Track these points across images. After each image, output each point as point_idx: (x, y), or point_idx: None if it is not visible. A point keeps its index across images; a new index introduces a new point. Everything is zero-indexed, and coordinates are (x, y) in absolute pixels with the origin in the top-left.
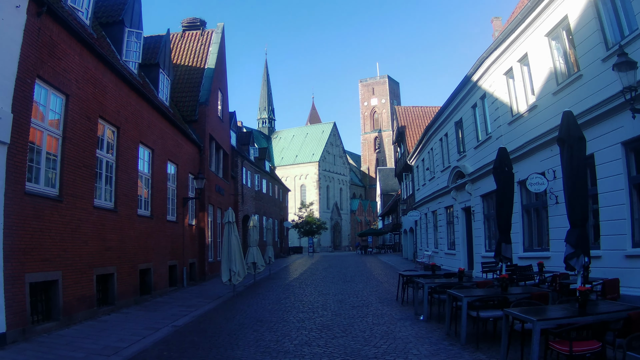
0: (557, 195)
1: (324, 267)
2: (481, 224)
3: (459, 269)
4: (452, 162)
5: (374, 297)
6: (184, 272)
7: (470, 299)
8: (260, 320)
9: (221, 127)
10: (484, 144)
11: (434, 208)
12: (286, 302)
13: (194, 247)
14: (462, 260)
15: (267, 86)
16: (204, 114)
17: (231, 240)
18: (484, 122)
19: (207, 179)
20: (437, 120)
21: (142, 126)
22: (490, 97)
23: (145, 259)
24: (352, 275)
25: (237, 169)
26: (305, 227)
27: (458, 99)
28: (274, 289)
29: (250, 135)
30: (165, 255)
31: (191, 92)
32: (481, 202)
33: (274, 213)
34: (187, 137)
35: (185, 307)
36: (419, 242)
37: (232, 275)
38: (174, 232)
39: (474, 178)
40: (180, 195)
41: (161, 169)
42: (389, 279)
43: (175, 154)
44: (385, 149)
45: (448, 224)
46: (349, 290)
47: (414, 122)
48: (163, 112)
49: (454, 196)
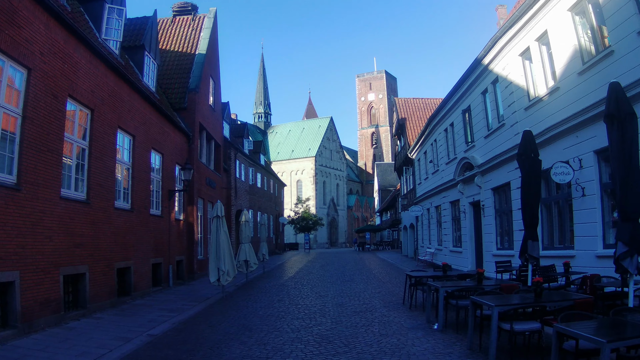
0: (583, 186)
1: (321, 265)
2: (492, 220)
3: (478, 270)
4: (458, 153)
5: (378, 300)
6: (169, 270)
7: (503, 308)
8: (250, 328)
9: (213, 116)
10: (496, 133)
11: (437, 203)
12: (280, 306)
13: (182, 244)
14: (469, 258)
15: (263, 80)
16: (194, 102)
17: (220, 236)
18: (495, 109)
19: (197, 171)
20: (441, 110)
21: (122, 110)
22: (503, 81)
23: (124, 257)
24: (352, 274)
25: (230, 161)
26: (302, 223)
27: (466, 85)
28: (267, 290)
29: (244, 127)
30: (148, 253)
31: (180, 79)
32: (492, 195)
33: (269, 208)
34: (174, 125)
35: (166, 311)
36: (420, 238)
37: (221, 275)
38: (159, 227)
39: (485, 170)
40: (166, 187)
41: (144, 158)
42: (391, 278)
43: (160, 143)
44: (382, 144)
45: (453, 220)
46: (349, 292)
47: (415, 114)
48: (146, 97)
49: (460, 190)
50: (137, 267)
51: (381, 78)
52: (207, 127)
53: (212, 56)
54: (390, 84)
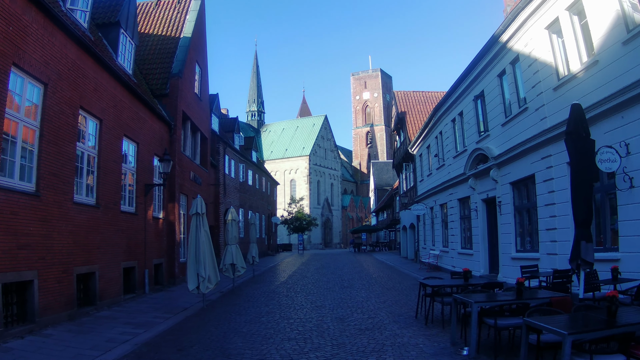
0: (632, 176)
1: (316, 268)
2: (511, 218)
3: (518, 279)
4: (469, 145)
5: (385, 313)
6: (145, 275)
7: (577, 337)
8: (228, 354)
9: (199, 106)
10: (517, 119)
11: (443, 200)
12: (268, 320)
13: (161, 245)
14: (481, 261)
15: (257, 78)
16: (177, 88)
17: (200, 236)
18: (515, 92)
19: (179, 164)
20: (448, 98)
21: (86, 89)
22: (525, 60)
23: (87, 260)
24: (350, 279)
25: (219, 156)
26: (295, 224)
27: (479, 69)
28: (256, 298)
29: (235, 121)
30: (118, 255)
31: (163, 64)
32: (511, 190)
33: (261, 207)
34: (152, 111)
35: (133, 326)
36: (421, 239)
37: (201, 282)
38: (132, 226)
39: (502, 162)
40: (141, 181)
41: (113, 146)
42: (394, 283)
43: (135, 130)
44: (377, 143)
45: (462, 219)
46: (350, 301)
47: (415, 107)
48: (118, 76)
49: (472, 185)
50: (103, 272)
51: (376, 76)
52: (191, 116)
53: (198, 41)
54: (385, 82)
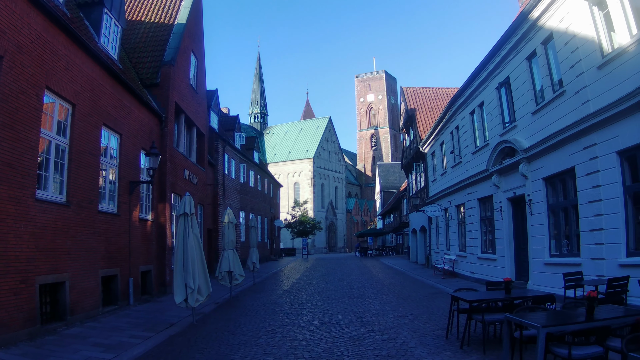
0: None
1: (321, 274)
2: (544, 218)
3: (590, 293)
4: (492, 138)
5: (407, 331)
6: (129, 284)
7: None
8: None
9: (194, 99)
10: (551, 105)
11: (459, 201)
12: (267, 343)
13: (150, 250)
14: (507, 267)
15: (260, 80)
16: (168, 77)
17: (188, 240)
18: (548, 74)
19: (171, 161)
20: (466, 89)
21: (55, 67)
22: (561, 38)
23: (53, 268)
24: (360, 287)
25: (218, 155)
26: (299, 227)
27: (503, 53)
28: (254, 312)
29: (236, 120)
30: (95, 262)
31: (155, 53)
32: (544, 187)
33: (264, 210)
34: (139, 100)
35: (102, 348)
36: (434, 243)
37: (189, 294)
38: (113, 228)
39: (533, 155)
40: (125, 177)
41: (89, 136)
42: (409, 292)
43: (117, 120)
44: (382, 146)
45: (483, 221)
46: (364, 315)
47: (425, 104)
48: (97, 58)
49: (496, 183)
50: (75, 281)
51: (381, 78)
52: (186, 109)
53: (194, 29)
54: (390, 84)
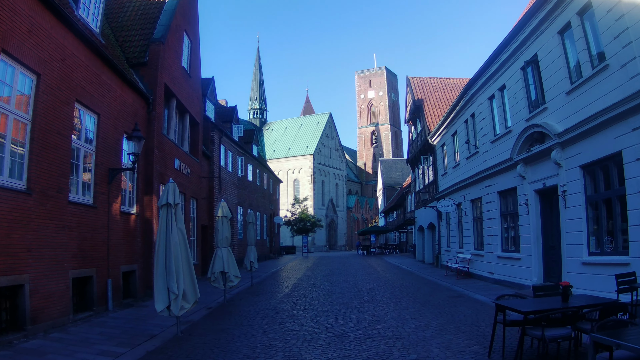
0: None
1: (324, 274)
2: (581, 212)
3: None
4: (516, 124)
5: (438, 347)
6: (108, 287)
7: None
8: None
9: (187, 83)
10: (590, 82)
11: (475, 195)
12: None
13: (133, 248)
14: (533, 267)
15: (259, 75)
16: (158, 55)
17: (171, 236)
18: (585, 48)
19: (159, 148)
20: (484, 73)
21: (15, 28)
22: (602, 5)
23: (9, 268)
24: (370, 290)
25: (214, 146)
26: (299, 225)
27: (529, 28)
28: (251, 320)
29: (234, 111)
30: (64, 261)
31: (144, 30)
32: (581, 176)
33: (263, 206)
34: (121, 77)
35: None
36: (444, 241)
37: (173, 301)
38: (87, 222)
39: (568, 140)
40: (104, 164)
41: (57, 112)
42: (424, 295)
43: (94, 98)
44: (382, 143)
45: (503, 216)
46: (380, 325)
47: (433, 94)
48: (70, 24)
49: (521, 173)
50: (37, 284)
51: (381, 75)
52: (177, 93)
53: (187, 8)
54: (390, 81)
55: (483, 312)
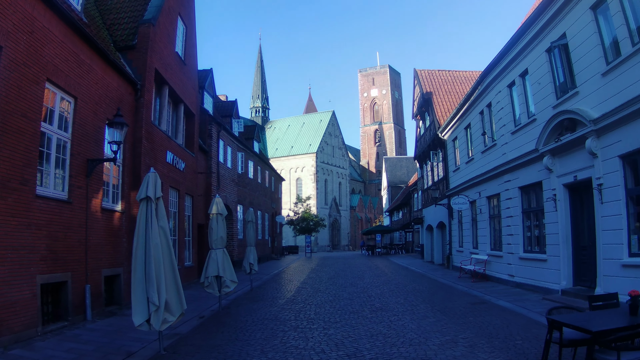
0: None
1: (329, 277)
2: (621, 207)
3: None
4: (541, 111)
5: None
6: (86, 294)
7: None
8: None
9: (182, 71)
10: (631, 61)
11: (493, 191)
12: None
13: (118, 249)
14: (562, 269)
15: (261, 73)
16: (148, 38)
17: (151, 236)
18: (624, 23)
19: (148, 139)
20: (502, 59)
21: None
22: None
23: None
24: (380, 295)
25: (212, 141)
26: (302, 224)
27: (556, 6)
28: (248, 334)
29: (234, 105)
30: (29, 265)
31: (134, 12)
32: (621, 167)
33: (264, 205)
34: (104, 58)
35: None
36: (455, 240)
37: (153, 313)
38: (60, 219)
39: (605, 127)
40: (81, 154)
41: (22, 92)
42: (442, 301)
43: (70, 78)
44: (386, 142)
45: (525, 213)
46: (400, 343)
47: (442, 87)
48: None
49: (548, 165)
50: None
51: (384, 73)
52: (170, 81)
53: None
54: (394, 79)
55: (514, 322)
